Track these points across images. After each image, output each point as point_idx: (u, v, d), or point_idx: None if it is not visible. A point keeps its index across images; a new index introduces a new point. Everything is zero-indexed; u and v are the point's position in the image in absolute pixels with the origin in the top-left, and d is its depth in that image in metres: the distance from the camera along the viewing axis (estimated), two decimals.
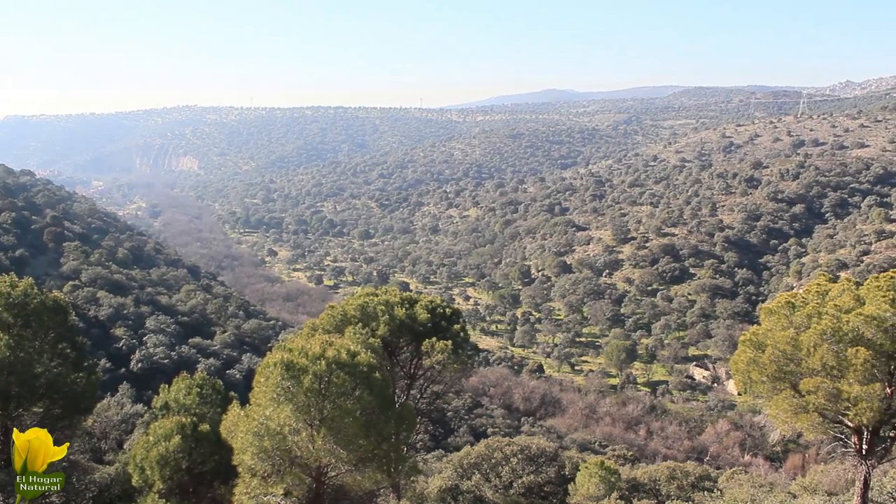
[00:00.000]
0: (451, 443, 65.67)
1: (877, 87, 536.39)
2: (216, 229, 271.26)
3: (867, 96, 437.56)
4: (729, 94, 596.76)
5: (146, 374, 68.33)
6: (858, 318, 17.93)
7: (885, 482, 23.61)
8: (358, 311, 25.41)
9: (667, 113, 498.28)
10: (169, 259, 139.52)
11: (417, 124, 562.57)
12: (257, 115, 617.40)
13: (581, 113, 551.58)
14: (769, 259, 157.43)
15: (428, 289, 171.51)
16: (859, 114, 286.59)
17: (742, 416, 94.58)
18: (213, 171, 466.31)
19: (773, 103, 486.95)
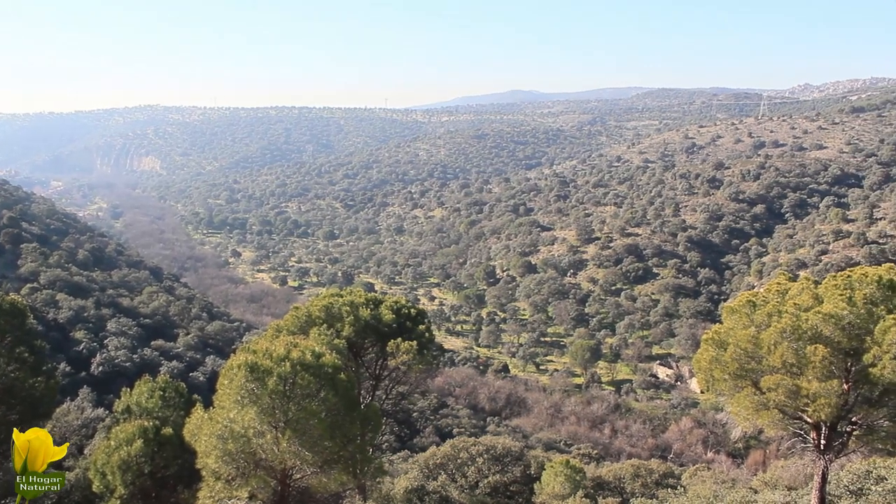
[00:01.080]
0: (416, 443, 65.57)
1: (834, 90, 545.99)
2: (179, 230, 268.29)
3: (825, 99, 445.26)
4: (691, 96, 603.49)
5: (107, 377, 67.24)
6: (817, 316, 18.19)
7: (842, 476, 24.01)
8: (323, 312, 25.27)
9: (630, 114, 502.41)
10: (131, 260, 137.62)
11: (382, 124, 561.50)
12: (221, 115, 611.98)
13: (546, 114, 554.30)
14: (731, 258, 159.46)
15: (393, 289, 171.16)
16: (817, 116, 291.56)
17: (705, 413, 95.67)
18: (176, 171, 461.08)
19: (735, 105, 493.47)
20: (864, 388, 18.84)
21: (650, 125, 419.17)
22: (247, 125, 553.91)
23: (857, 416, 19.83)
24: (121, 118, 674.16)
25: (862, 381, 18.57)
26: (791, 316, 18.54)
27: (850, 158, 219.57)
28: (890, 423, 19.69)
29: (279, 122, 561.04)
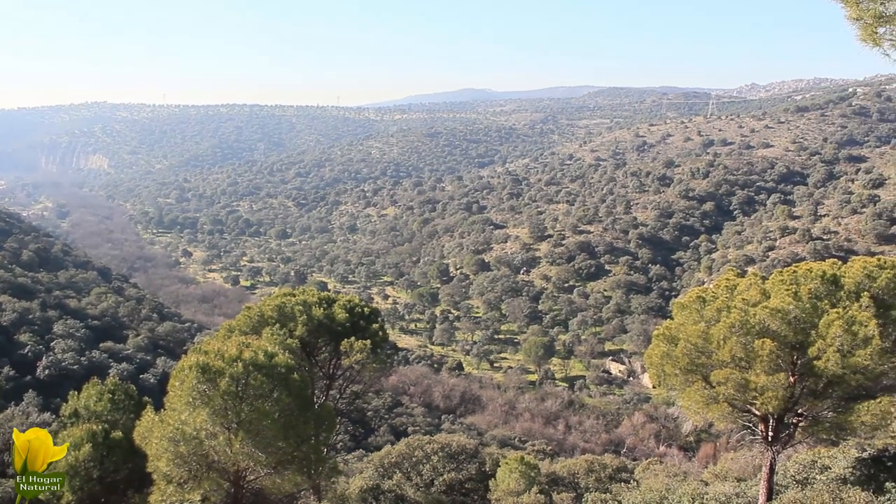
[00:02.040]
0: (371, 442, 65.45)
1: (779, 90, 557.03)
2: (128, 230, 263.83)
3: (771, 98, 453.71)
4: (642, 95, 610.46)
5: (54, 381, 65.87)
6: (764, 311, 18.53)
7: (789, 466, 24.53)
8: (275, 311, 25.06)
9: (582, 112, 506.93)
10: (78, 261, 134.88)
11: (335, 123, 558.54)
12: (170, 113, 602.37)
13: (498, 112, 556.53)
14: (681, 255, 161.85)
15: (346, 288, 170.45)
16: (764, 115, 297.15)
17: (657, 408, 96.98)
18: (125, 169, 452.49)
19: (684, 104, 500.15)
20: (809, 381, 19.25)
21: (602, 124, 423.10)
22: (197, 123, 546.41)
23: (803, 407, 20.26)
24: (66, 115, 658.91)
25: (807, 374, 18.97)
26: (739, 311, 18.87)
27: (795, 157, 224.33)
28: (834, 414, 20.15)
29: (230, 120, 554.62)
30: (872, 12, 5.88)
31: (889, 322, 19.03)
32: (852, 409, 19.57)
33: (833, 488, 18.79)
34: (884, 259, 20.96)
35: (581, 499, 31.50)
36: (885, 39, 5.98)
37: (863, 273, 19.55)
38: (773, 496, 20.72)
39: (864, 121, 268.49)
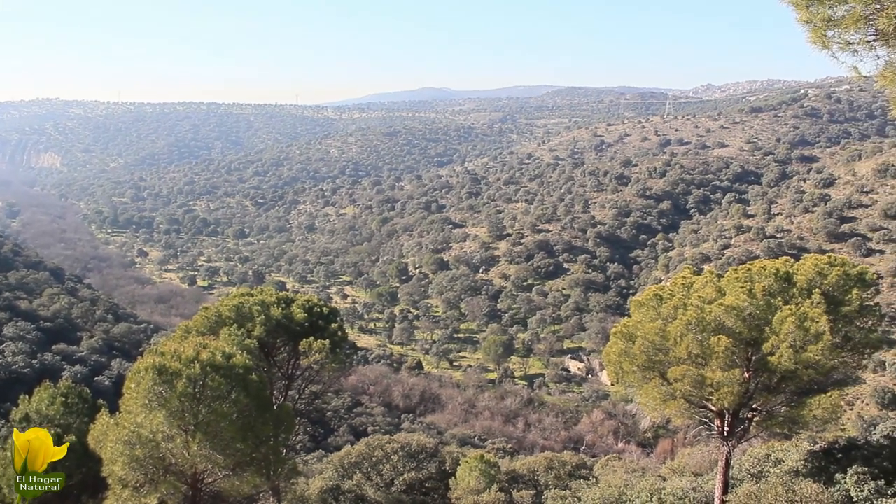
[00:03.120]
0: (331, 443, 65.15)
1: (734, 90, 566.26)
2: (82, 229, 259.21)
3: (726, 99, 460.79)
4: (600, 95, 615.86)
5: (4, 384, 64.41)
6: (720, 308, 18.83)
7: (744, 460, 24.95)
8: (233, 311, 24.82)
9: (541, 112, 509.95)
10: (29, 261, 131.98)
11: (293, 121, 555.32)
12: (126, 111, 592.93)
13: (457, 111, 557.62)
14: (639, 253, 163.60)
15: (305, 288, 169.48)
16: (719, 115, 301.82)
17: (615, 405, 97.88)
18: (78, 168, 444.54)
19: (642, 104, 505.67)
20: (763, 376, 19.60)
21: (560, 123, 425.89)
22: (153, 121, 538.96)
23: (758, 402, 20.63)
24: (16, 112, 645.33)
25: (761, 370, 19.32)
26: (696, 308, 19.14)
27: (749, 156, 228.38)
28: (787, 409, 20.54)
29: (187, 118, 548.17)
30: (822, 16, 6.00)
31: (839, 318, 19.45)
32: (804, 403, 19.95)
33: (786, 481, 19.15)
34: (834, 257, 21.42)
35: (541, 496, 31.69)
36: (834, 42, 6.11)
37: (814, 270, 19.94)
38: (729, 490, 21.05)
39: (815, 121, 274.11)
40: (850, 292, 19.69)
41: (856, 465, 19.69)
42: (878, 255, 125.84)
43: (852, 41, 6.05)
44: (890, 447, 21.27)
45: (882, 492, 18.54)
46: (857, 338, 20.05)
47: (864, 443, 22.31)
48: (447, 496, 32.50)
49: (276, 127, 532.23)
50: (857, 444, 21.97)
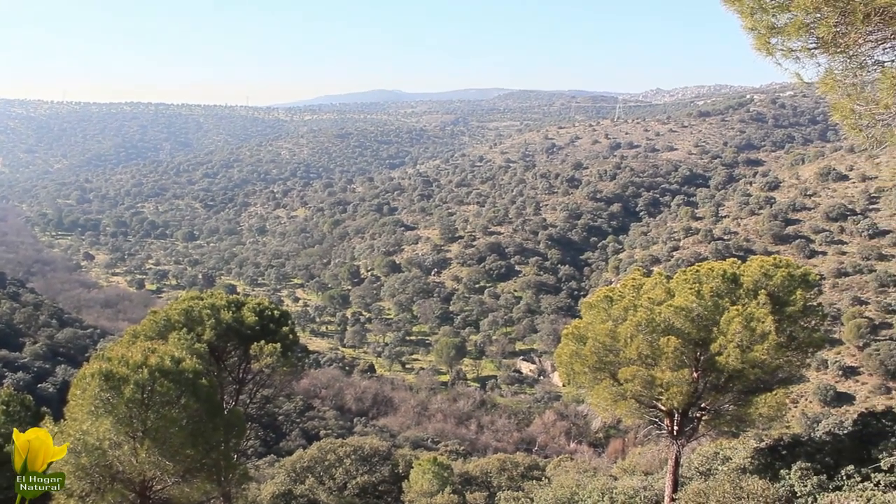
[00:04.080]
0: (283, 447, 64.49)
1: (682, 95, 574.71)
2: (24, 232, 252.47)
3: (675, 103, 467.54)
4: (551, 98, 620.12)
5: None
6: (669, 309, 19.11)
7: (693, 459, 25.35)
8: (182, 315, 24.47)
9: (492, 115, 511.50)
10: None
11: (244, 123, 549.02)
12: (70, 111, 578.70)
13: (409, 113, 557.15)
14: (590, 255, 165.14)
15: (256, 291, 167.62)
16: (668, 119, 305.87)
17: (567, 406, 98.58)
18: (20, 169, 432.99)
19: (592, 107, 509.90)
20: (711, 376, 19.94)
21: (511, 126, 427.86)
22: (99, 121, 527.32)
23: (706, 402, 20.99)
24: None
25: (710, 369, 19.65)
26: (645, 310, 19.40)
27: (697, 160, 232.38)
28: (735, 408, 20.93)
29: (134, 118, 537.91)
30: (765, 23, 6.13)
31: (784, 318, 19.88)
32: (751, 401, 20.35)
33: (733, 478, 19.50)
34: (779, 258, 21.89)
35: (494, 497, 31.83)
36: (777, 49, 6.25)
37: (760, 272, 20.35)
38: (679, 488, 21.35)
39: (760, 126, 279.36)
40: (794, 293, 20.14)
41: (800, 461, 20.12)
42: (820, 256, 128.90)
43: (794, 48, 6.19)
44: (832, 443, 21.78)
45: (824, 486, 18.98)
46: (801, 337, 20.53)
47: (807, 439, 22.81)
48: (400, 499, 32.48)
49: (227, 128, 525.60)
50: (801, 441, 22.45)
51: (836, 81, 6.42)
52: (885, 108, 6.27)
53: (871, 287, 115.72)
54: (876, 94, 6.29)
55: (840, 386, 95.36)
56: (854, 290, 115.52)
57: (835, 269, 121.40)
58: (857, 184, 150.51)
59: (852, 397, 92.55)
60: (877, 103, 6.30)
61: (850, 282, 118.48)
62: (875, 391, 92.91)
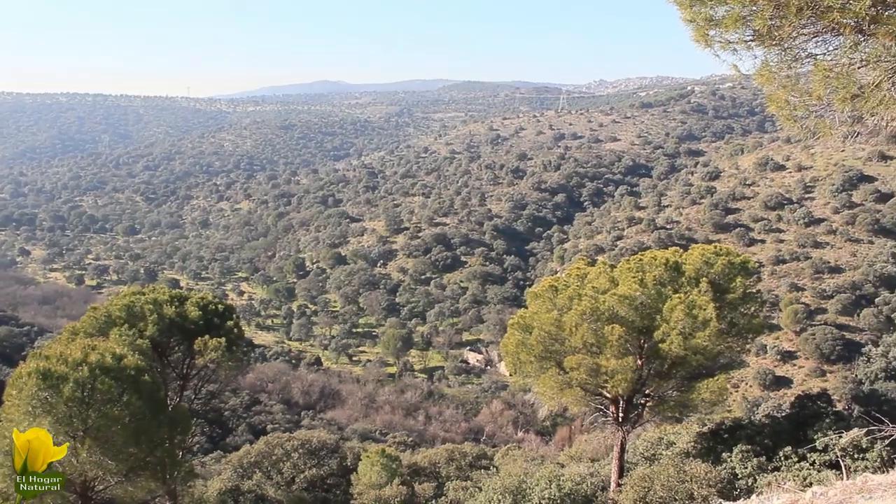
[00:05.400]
0: (229, 443, 63.71)
1: (625, 86, 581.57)
2: None
3: (618, 94, 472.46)
4: (496, 89, 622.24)
5: None
6: (613, 298, 19.34)
7: (638, 444, 25.77)
8: (123, 311, 23.98)
9: (437, 106, 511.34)
10: None
11: (185, 114, 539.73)
12: (2, 101, 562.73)
13: (354, 105, 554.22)
14: (535, 246, 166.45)
15: (200, 285, 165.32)
16: (611, 110, 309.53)
17: (514, 395, 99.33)
18: None
19: (537, 98, 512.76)
20: (655, 363, 20.26)
21: (456, 117, 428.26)
22: (34, 112, 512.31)
23: (650, 388, 21.33)
24: None
25: (653, 357, 19.96)
26: (590, 299, 19.60)
27: (640, 150, 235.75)
28: (678, 394, 21.32)
29: (71, 109, 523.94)
30: (704, 16, 6.22)
31: (725, 305, 20.29)
32: (694, 387, 20.75)
33: (677, 462, 19.86)
34: (720, 246, 22.33)
35: (442, 488, 31.93)
36: (715, 41, 6.35)
37: (701, 260, 20.72)
38: (625, 473, 21.69)
39: (701, 117, 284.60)
40: (734, 280, 20.57)
41: (740, 443, 20.57)
42: (759, 244, 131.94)
43: (732, 40, 6.30)
44: (770, 425, 22.32)
45: (763, 468, 19.46)
46: (741, 323, 20.98)
47: (748, 422, 23.33)
48: (349, 492, 32.37)
49: (168, 120, 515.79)
50: (742, 425, 22.95)
51: (771, 73, 6.56)
52: (817, 99, 6.43)
53: (807, 274, 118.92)
54: (809, 85, 6.44)
55: (778, 370, 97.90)
56: (791, 277, 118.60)
57: (773, 256, 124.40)
58: (793, 173, 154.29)
59: (790, 381, 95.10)
60: (810, 94, 6.46)
61: (788, 269, 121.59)
62: (811, 374, 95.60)
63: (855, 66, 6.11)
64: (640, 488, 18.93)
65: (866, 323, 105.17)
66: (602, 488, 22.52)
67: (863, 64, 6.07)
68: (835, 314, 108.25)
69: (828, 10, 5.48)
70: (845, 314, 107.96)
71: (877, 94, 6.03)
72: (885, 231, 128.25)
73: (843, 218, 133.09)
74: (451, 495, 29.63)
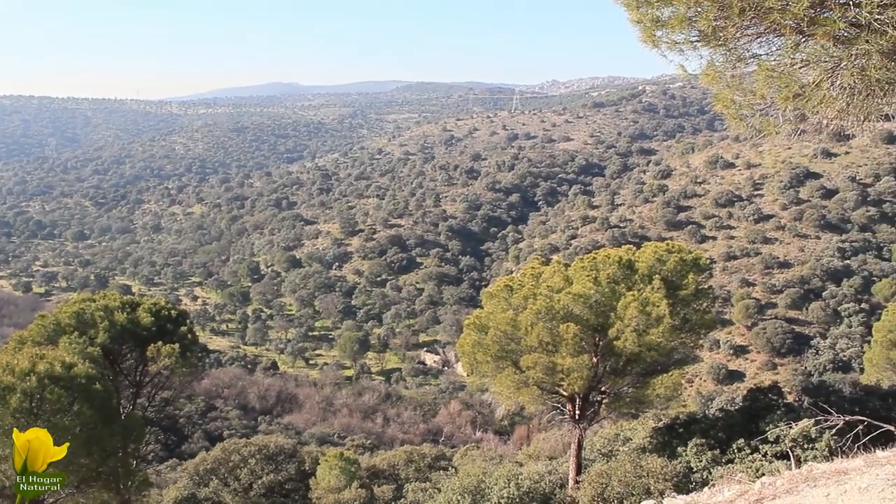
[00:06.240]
0: (185, 450, 62.93)
1: (578, 86, 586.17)
2: None
3: (570, 94, 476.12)
4: (449, 90, 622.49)
5: None
6: (568, 296, 19.50)
7: (596, 441, 26.00)
8: (73, 318, 23.55)
9: (391, 107, 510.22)
10: None
11: (135, 117, 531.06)
12: None
13: (306, 107, 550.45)
14: (490, 246, 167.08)
15: (152, 291, 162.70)
16: (564, 110, 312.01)
17: (472, 395, 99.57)
18: None
19: (490, 99, 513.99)
20: (610, 360, 20.49)
21: (410, 118, 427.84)
22: None
23: (606, 385, 21.56)
24: None
25: (609, 354, 20.17)
26: (545, 297, 19.74)
27: (593, 150, 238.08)
28: (633, 390, 21.58)
29: (15, 112, 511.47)
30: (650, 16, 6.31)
31: (678, 301, 20.59)
32: (649, 383, 21.02)
33: (634, 457, 20.10)
34: (672, 244, 22.68)
35: (402, 490, 31.89)
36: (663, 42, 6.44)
37: (654, 257, 21.00)
38: (582, 470, 21.87)
39: (652, 116, 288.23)
40: (686, 277, 20.88)
41: (695, 437, 20.89)
42: (711, 241, 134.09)
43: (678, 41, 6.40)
44: (724, 419, 22.71)
45: (717, 460, 19.80)
46: (693, 319, 21.32)
47: (702, 417, 23.71)
48: (308, 496, 32.18)
49: (117, 123, 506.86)
50: (697, 419, 23.31)
51: (717, 73, 6.69)
52: (761, 98, 6.56)
53: (757, 269, 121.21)
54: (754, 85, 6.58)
55: (731, 364, 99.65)
56: (742, 273, 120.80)
57: (724, 252, 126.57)
58: (742, 171, 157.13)
59: (743, 374, 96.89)
60: (754, 94, 6.59)
61: (739, 265, 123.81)
62: (763, 367, 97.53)
63: (796, 65, 6.26)
64: (597, 484, 19.11)
65: (814, 316, 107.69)
66: (560, 486, 22.68)
67: (804, 64, 6.22)
68: (784, 308, 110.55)
69: (769, 12, 5.60)
70: (794, 308, 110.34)
71: (817, 94, 6.18)
72: (830, 226, 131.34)
73: (790, 214, 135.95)
74: (411, 497, 29.63)
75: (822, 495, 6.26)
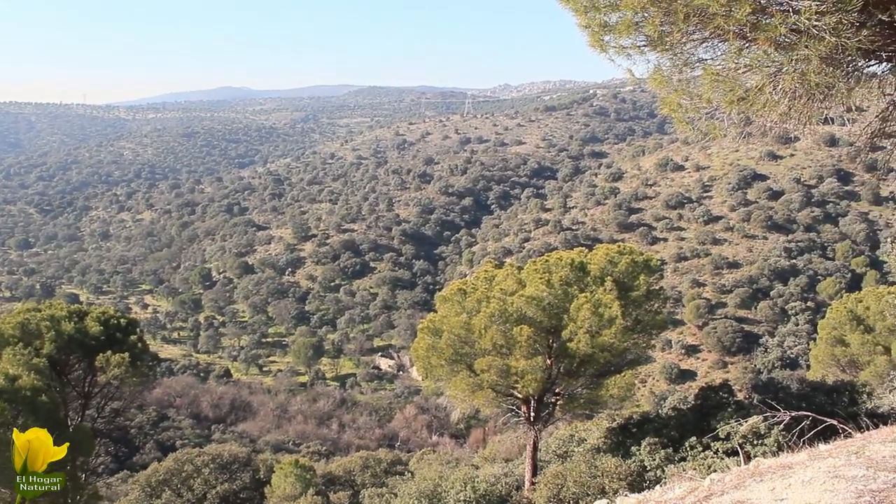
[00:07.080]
0: (137, 461, 61.83)
1: (529, 90, 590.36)
2: None
3: (522, 98, 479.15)
4: (401, 94, 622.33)
5: None
6: (521, 299, 19.61)
7: (551, 442, 26.16)
8: (17, 329, 23.02)
9: (343, 111, 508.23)
10: None
11: (81, 122, 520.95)
12: None
13: (258, 111, 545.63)
14: (443, 249, 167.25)
15: (101, 299, 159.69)
16: (516, 114, 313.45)
17: (427, 399, 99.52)
18: None
19: (442, 103, 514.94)
20: (564, 362, 20.64)
21: (362, 122, 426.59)
22: None
23: (560, 387, 21.72)
24: None
25: (562, 356, 20.33)
26: (498, 301, 19.82)
27: (545, 153, 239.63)
28: (587, 391, 21.78)
29: None
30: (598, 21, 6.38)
31: (630, 303, 20.84)
32: (603, 384, 21.22)
33: (588, 458, 20.27)
34: (623, 246, 22.97)
35: (358, 496, 31.80)
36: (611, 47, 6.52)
37: (606, 259, 21.23)
38: (538, 471, 21.99)
39: (603, 120, 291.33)
40: (638, 278, 21.15)
41: (648, 436, 21.14)
42: (662, 242, 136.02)
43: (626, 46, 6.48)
44: (676, 417, 23.01)
45: (671, 458, 20.05)
46: (645, 320, 21.61)
47: (655, 416, 23.99)
48: None
49: (62, 128, 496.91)
50: (650, 418, 23.59)
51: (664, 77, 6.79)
52: (707, 102, 6.68)
53: (707, 269, 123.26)
54: (700, 89, 6.69)
55: (683, 364, 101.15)
56: (693, 273, 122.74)
57: (675, 254, 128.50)
58: (692, 173, 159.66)
59: (694, 374, 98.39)
60: (700, 98, 6.71)
61: (689, 265, 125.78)
62: (714, 366, 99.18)
63: (740, 70, 6.39)
64: (553, 485, 19.22)
65: (763, 315, 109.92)
66: (517, 487, 22.77)
67: (747, 68, 6.35)
68: (734, 308, 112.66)
69: (713, 17, 5.70)
70: (744, 307, 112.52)
71: (761, 97, 6.31)
72: (777, 227, 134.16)
73: (739, 215, 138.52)
74: (367, 502, 29.51)
75: (767, 489, 6.40)
